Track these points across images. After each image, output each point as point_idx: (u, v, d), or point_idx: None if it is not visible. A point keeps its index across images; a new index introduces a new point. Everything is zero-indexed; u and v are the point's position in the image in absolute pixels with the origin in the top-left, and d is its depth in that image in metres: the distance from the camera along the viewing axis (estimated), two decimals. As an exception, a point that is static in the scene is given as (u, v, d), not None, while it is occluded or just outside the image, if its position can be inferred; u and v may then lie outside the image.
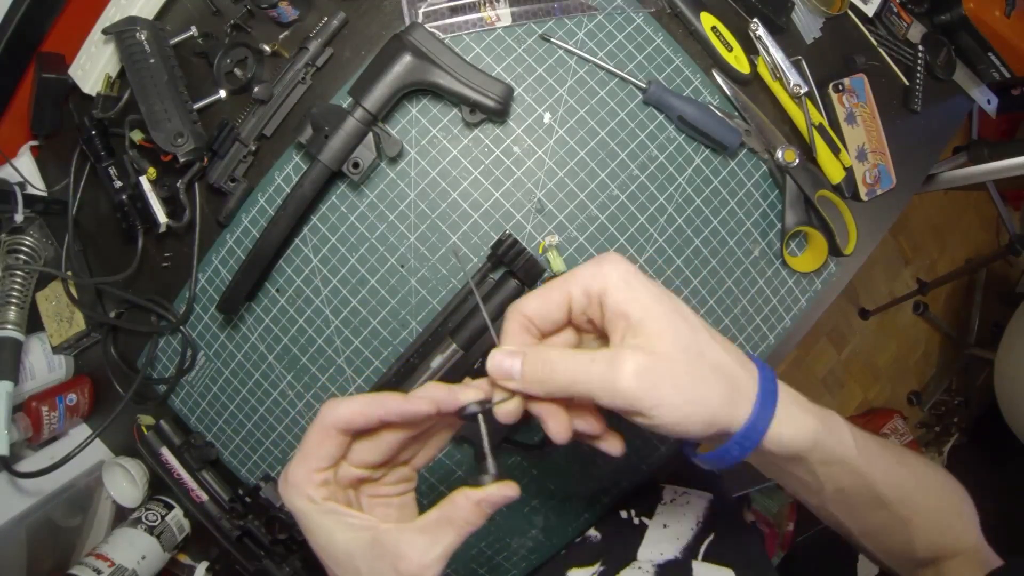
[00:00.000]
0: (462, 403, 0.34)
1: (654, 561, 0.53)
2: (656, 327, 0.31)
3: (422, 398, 0.33)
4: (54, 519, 0.61)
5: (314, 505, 0.32)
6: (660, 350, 0.30)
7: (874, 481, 0.36)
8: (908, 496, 0.38)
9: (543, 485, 0.61)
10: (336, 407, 0.32)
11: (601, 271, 0.32)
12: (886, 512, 0.37)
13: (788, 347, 0.64)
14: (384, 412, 0.32)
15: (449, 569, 0.62)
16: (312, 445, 0.32)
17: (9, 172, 0.60)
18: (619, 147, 0.56)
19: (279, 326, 0.58)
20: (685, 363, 0.30)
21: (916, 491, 0.38)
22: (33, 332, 0.62)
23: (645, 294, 0.31)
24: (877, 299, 1.91)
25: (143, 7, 0.53)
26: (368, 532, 0.32)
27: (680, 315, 0.32)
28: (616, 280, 0.32)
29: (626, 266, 0.32)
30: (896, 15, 0.67)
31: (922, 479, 0.39)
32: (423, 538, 0.31)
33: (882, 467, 0.36)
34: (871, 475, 0.35)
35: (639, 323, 0.31)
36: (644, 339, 0.31)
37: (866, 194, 0.62)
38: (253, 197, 0.56)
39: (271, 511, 0.59)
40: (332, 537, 0.32)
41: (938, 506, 0.40)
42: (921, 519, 0.38)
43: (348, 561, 0.32)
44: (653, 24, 0.56)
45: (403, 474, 0.38)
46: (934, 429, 2.02)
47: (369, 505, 0.36)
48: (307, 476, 0.32)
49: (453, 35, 0.53)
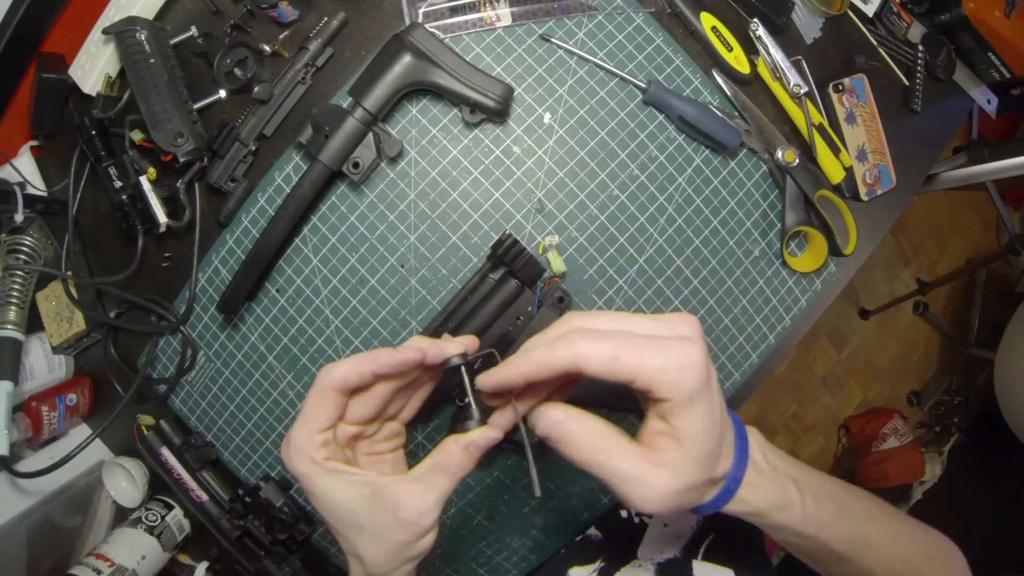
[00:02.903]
0: (447, 355, 0.36)
1: (654, 560, 0.54)
2: (703, 441, 0.31)
3: (411, 348, 0.35)
4: (54, 519, 0.61)
5: (316, 466, 0.34)
6: (694, 462, 0.31)
7: (826, 541, 0.37)
8: (868, 550, 0.39)
9: (543, 485, 0.61)
10: (333, 369, 0.34)
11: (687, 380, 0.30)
12: (847, 564, 0.39)
13: (788, 347, 0.64)
14: (377, 366, 0.34)
15: (449, 569, 0.62)
16: (312, 408, 0.34)
17: (9, 172, 0.60)
18: (619, 147, 0.56)
19: (279, 326, 0.58)
20: (703, 472, 0.32)
21: (880, 546, 0.39)
22: (33, 332, 0.62)
23: (708, 405, 0.31)
24: (877, 299, 1.91)
25: (143, 7, 0.53)
26: (368, 487, 0.34)
27: (723, 419, 0.32)
28: (693, 390, 0.30)
29: (706, 366, 0.31)
30: (896, 15, 0.67)
31: (888, 534, 0.41)
32: (419, 486, 0.34)
33: (837, 529, 0.38)
34: (822, 536, 0.37)
35: (691, 436, 0.31)
36: (687, 447, 0.31)
37: (866, 194, 0.62)
38: (253, 197, 0.56)
39: (271, 511, 0.59)
40: (335, 496, 0.34)
41: (905, 556, 0.40)
42: (885, 569, 0.39)
43: (351, 518, 0.34)
44: (653, 24, 0.56)
45: (393, 429, 0.40)
46: (934, 429, 2.02)
47: (366, 463, 0.38)
48: (309, 438, 0.34)
49: (453, 35, 0.53)
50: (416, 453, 0.59)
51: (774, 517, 0.36)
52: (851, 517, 0.39)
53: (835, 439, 1.96)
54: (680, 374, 0.30)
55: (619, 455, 0.31)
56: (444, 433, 0.58)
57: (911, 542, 0.42)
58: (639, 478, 0.30)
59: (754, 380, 0.63)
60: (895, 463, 1.78)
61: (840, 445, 1.96)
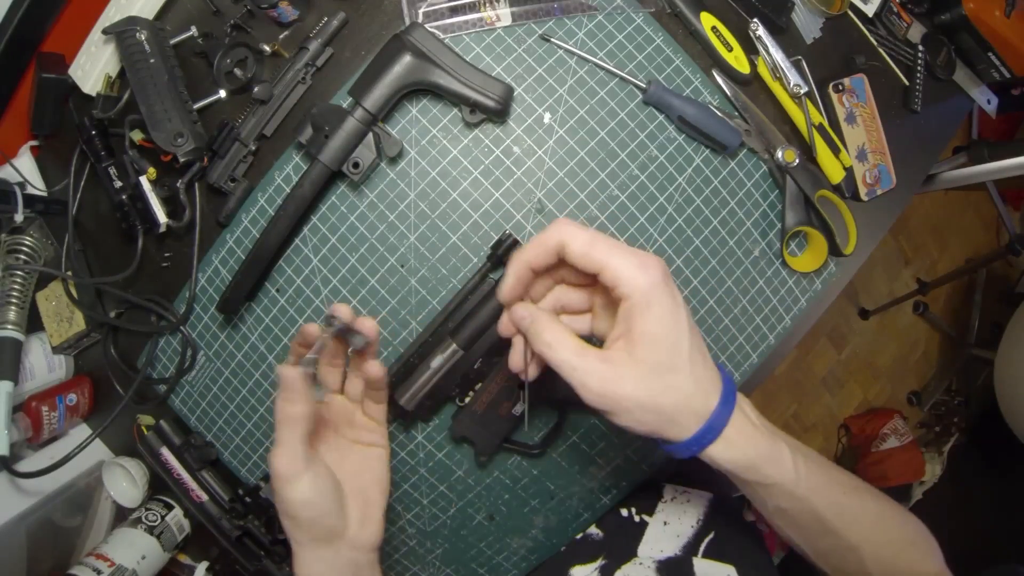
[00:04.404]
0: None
1: (654, 557, 0.54)
2: (653, 346, 0.35)
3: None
4: (54, 519, 0.61)
5: None
6: (642, 364, 0.35)
7: (816, 507, 0.38)
8: (855, 523, 0.40)
9: (543, 485, 0.61)
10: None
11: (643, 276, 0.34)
12: (833, 538, 0.40)
13: (788, 347, 0.64)
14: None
15: (449, 569, 0.62)
16: None
17: (9, 172, 0.60)
18: (619, 147, 0.56)
19: (279, 326, 0.58)
20: (655, 380, 0.35)
21: (865, 521, 0.40)
22: (33, 332, 0.62)
23: (661, 310, 0.35)
24: (877, 299, 1.91)
25: (143, 7, 0.53)
26: None
27: (680, 332, 0.35)
28: (647, 287, 0.34)
29: (663, 272, 0.35)
30: (896, 15, 0.67)
31: (873, 510, 0.41)
32: (276, 448, 0.38)
33: (827, 495, 0.39)
34: (812, 501, 0.38)
35: (641, 335, 0.35)
36: (637, 348, 0.35)
37: (866, 194, 0.62)
38: (253, 197, 0.56)
39: (271, 511, 0.59)
40: None
41: (889, 538, 0.41)
42: (871, 547, 0.40)
43: None
44: (653, 24, 0.56)
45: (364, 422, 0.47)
46: (934, 429, 2.02)
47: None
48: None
49: (453, 35, 0.53)
50: (416, 453, 0.59)
51: (766, 471, 0.37)
52: (838, 485, 0.40)
53: (835, 439, 1.96)
54: (639, 271, 0.34)
55: (574, 349, 0.36)
56: (444, 433, 0.58)
57: (893, 523, 0.42)
58: (586, 369, 0.35)
59: (754, 380, 0.64)
60: (895, 463, 1.78)
61: (840, 445, 1.96)
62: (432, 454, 0.59)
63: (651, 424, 0.36)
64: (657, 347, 0.35)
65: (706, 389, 0.36)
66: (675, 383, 0.35)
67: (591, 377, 0.35)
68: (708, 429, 0.36)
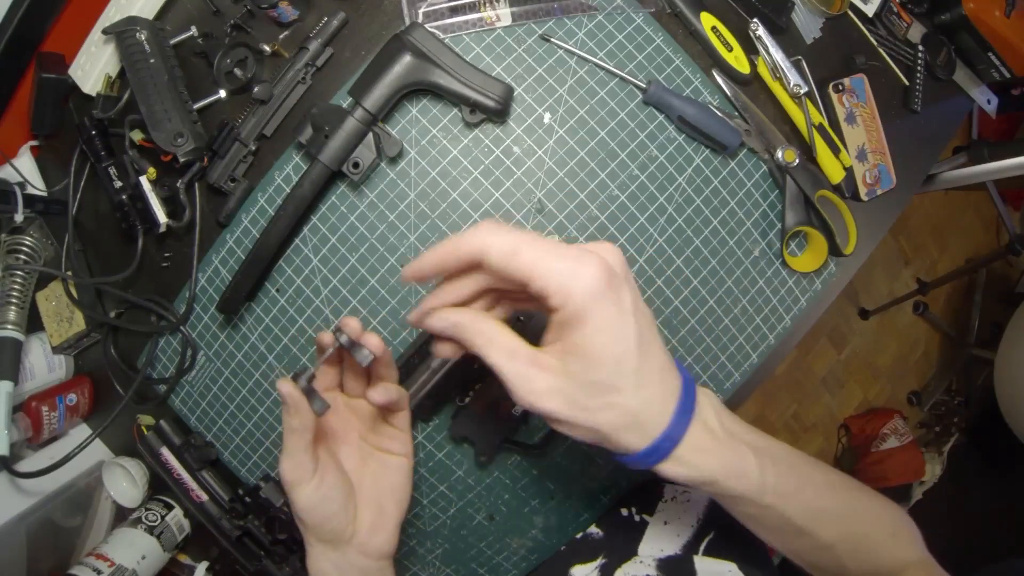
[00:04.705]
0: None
1: (655, 556, 0.54)
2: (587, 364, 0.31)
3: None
4: (54, 519, 0.61)
5: None
6: (574, 379, 0.31)
7: (785, 512, 0.37)
8: (829, 523, 0.38)
9: (543, 485, 0.61)
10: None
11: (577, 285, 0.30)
12: (807, 538, 0.38)
13: (788, 347, 0.64)
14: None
15: (449, 569, 0.62)
16: None
17: (9, 172, 0.60)
18: (619, 147, 0.56)
19: (279, 326, 0.58)
20: (590, 399, 0.31)
21: (839, 519, 0.39)
22: (33, 332, 0.62)
23: (601, 323, 0.30)
24: (877, 299, 1.91)
25: (143, 7, 0.53)
26: None
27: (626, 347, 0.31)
28: (581, 298, 0.29)
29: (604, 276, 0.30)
30: (896, 15, 0.67)
31: (848, 506, 0.40)
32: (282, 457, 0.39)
33: (797, 500, 0.37)
34: (780, 507, 0.36)
35: (574, 349, 0.31)
36: (570, 363, 0.31)
37: (866, 194, 0.62)
38: (253, 197, 0.56)
39: (271, 511, 0.59)
40: None
41: (866, 531, 0.40)
42: (847, 544, 0.39)
43: None
44: (653, 24, 0.56)
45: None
46: (934, 429, 2.02)
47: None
48: None
49: (453, 35, 0.53)
50: (416, 453, 0.59)
51: (728, 485, 0.34)
52: (811, 487, 0.38)
53: (835, 439, 1.96)
54: (572, 280, 0.29)
55: (507, 351, 0.32)
56: (444, 433, 0.58)
57: (872, 516, 0.41)
58: (517, 373, 0.31)
59: (754, 380, 0.64)
60: (895, 463, 1.78)
61: (840, 445, 1.96)
62: (432, 454, 0.59)
63: (590, 439, 0.33)
64: (592, 366, 0.30)
65: (657, 405, 0.32)
66: (616, 401, 0.31)
67: (519, 382, 0.31)
68: (654, 449, 0.32)
